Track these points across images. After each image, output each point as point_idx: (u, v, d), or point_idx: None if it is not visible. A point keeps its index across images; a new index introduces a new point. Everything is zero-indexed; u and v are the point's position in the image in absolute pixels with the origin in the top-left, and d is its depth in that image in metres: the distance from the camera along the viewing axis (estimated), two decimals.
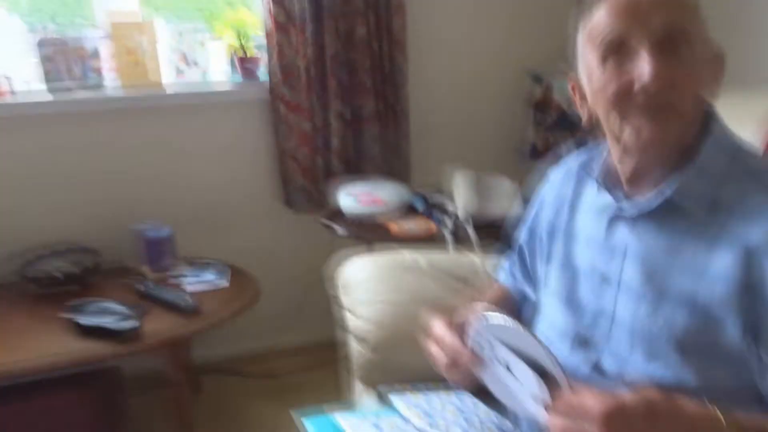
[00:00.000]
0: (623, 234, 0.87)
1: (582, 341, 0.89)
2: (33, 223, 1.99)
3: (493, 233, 1.80)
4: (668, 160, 0.83)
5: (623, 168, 0.87)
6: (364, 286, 1.32)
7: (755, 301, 0.74)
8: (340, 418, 0.98)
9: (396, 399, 1.07)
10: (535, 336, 0.77)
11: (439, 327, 0.92)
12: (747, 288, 0.74)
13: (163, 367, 1.75)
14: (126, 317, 1.63)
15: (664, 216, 0.82)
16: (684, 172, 0.81)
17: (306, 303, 2.27)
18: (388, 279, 1.33)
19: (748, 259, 0.75)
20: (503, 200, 1.80)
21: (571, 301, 0.93)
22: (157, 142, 2.09)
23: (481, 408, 1.05)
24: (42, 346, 1.58)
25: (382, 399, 1.12)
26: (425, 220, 1.85)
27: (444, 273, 1.37)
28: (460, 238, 1.71)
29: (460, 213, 1.79)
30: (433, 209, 1.88)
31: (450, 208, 1.85)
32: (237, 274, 1.96)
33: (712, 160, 0.81)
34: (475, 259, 1.44)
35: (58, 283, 1.83)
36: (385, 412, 1.04)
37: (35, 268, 1.86)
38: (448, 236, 1.72)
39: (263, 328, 2.30)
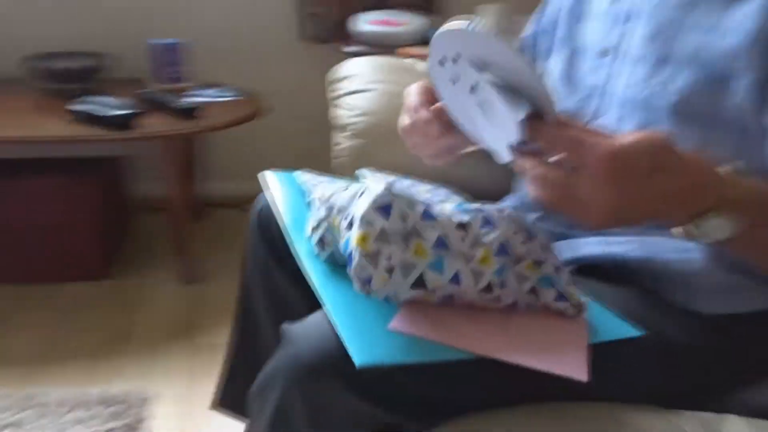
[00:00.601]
0: None
1: None
2: (49, 30, 1.97)
3: None
4: None
5: None
6: (356, 79, 1.24)
7: None
8: (300, 174, 0.92)
9: (365, 172, 1.00)
10: (521, 54, 0.59)
11: (413, 88, 0.83)
12: (764, 40, 0.65)
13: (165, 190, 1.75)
14: (122, 108, 1.59)
15: None
16: None
17: (315, 144, 2.21)
18: (382, 73, 1.24)
19: None
20: None
21: (567, 80, 0.86)
22: None
23: (454, 196, 0.99)
24: (44, 127, 1.61)
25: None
26: None
27: None
28: None
29: None
30: None
31: None
32: (243, 94, 1.90)
33: None
34: None
35: (60, 80, 1.80)
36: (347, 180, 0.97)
37: (39, 65, 1.83)
38: None
39: (270, 167, 2.26)
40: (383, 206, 0.63)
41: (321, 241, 0.70)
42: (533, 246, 0.68)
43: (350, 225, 0.63)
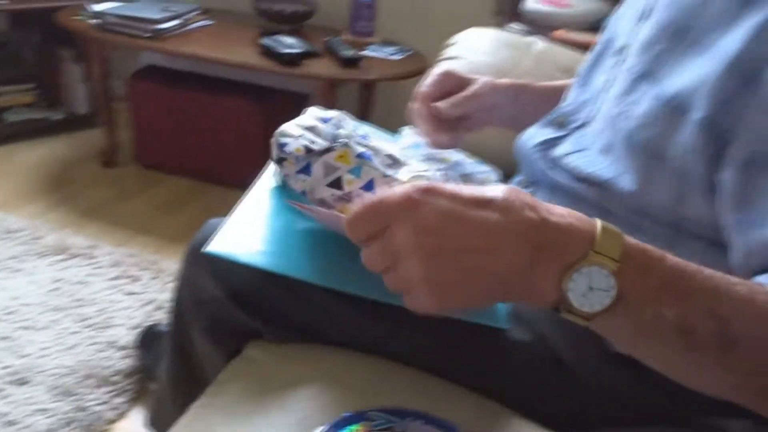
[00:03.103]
0: None
1: (558, 122, 0.77)
2: None
3: None
4: None
5: None
6: (462, 46, 1.28)
7: (747, 84, 0.53)
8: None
9: (407, 130, 1.04)
10: None
11: (433, 73, 0.83)
12: (743, 64, 0.54)
13: None
14: (298, 49, 1.83)
15: None
16: None
17: None
18: (491, 46, 1.27)
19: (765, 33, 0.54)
20: None
21: (586, 74, 0.79)
22: None
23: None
24: (239, 53, 1.92)
25: None
26: None
27: (551, 60, 1.24)
28: None
29: None
30: None
31: None
32: (414, 54, 2.01)
33: None
34: None
35: (275, 19, 2.12)
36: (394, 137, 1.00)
37: (262, 5, 2.15)
38: None
39: None
40: (324, 118, 0.72)
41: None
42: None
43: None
